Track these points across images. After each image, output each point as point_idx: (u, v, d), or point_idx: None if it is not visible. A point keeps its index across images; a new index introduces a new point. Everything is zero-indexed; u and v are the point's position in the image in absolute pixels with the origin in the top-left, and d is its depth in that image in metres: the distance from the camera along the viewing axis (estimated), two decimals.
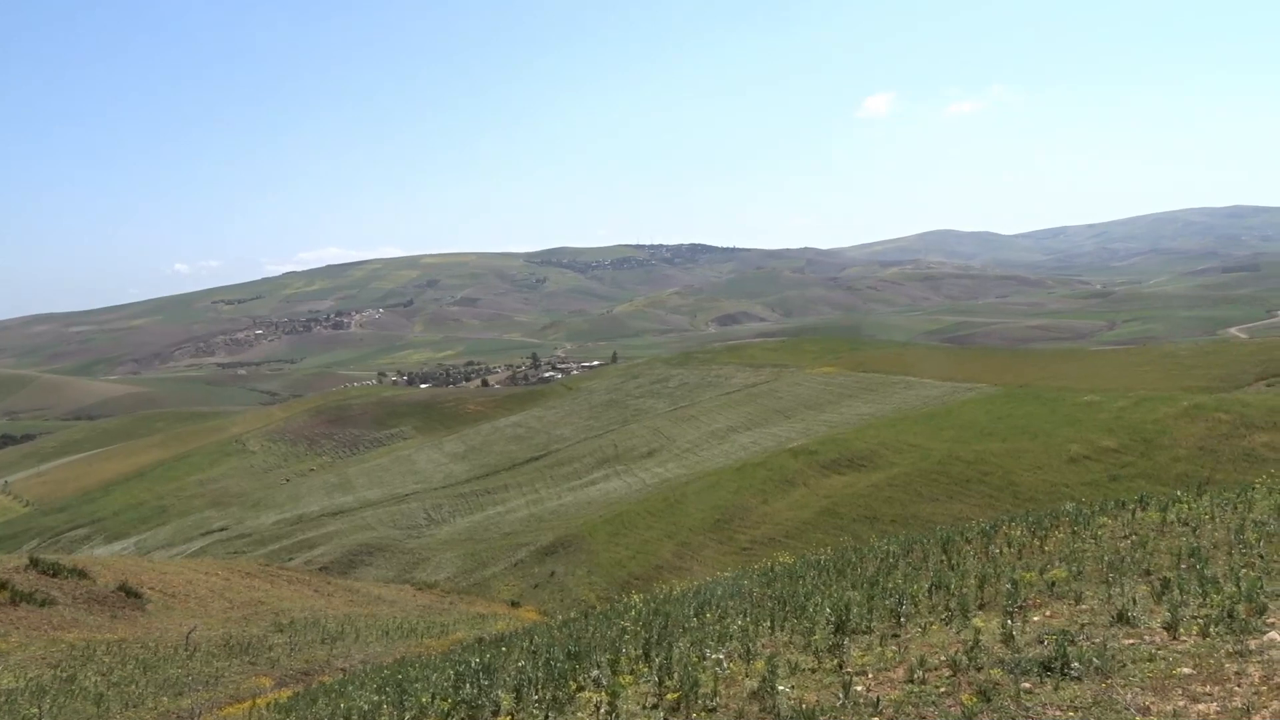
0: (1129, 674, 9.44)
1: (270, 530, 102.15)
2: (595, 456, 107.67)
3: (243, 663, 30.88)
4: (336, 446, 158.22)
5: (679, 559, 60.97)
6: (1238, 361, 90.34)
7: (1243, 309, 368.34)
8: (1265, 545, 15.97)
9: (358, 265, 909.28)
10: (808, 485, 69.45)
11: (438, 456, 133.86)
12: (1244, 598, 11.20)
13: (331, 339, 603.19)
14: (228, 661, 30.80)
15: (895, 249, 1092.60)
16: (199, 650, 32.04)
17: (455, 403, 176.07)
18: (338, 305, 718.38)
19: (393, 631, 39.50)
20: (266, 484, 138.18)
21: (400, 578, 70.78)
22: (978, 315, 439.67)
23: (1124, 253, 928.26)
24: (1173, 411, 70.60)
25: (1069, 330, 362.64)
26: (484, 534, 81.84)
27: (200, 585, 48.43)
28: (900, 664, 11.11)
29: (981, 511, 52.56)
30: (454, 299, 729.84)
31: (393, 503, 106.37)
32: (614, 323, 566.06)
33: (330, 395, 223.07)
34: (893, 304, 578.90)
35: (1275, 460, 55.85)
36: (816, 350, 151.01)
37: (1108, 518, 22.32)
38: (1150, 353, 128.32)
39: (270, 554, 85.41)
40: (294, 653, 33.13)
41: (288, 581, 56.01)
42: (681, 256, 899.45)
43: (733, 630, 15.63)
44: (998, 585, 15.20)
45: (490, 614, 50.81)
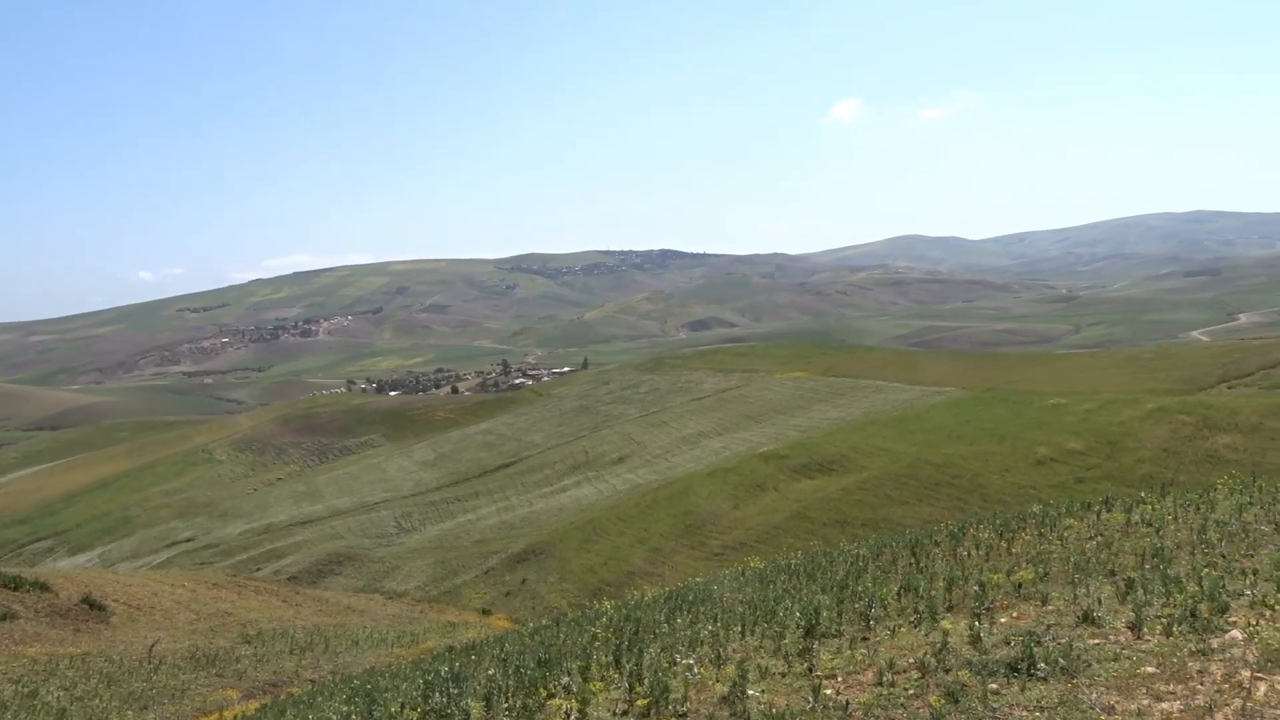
0: (1094, 674, 9.53)
1: (237, 540, 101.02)
2: (566, 463, 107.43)
3: (209, 675, 30.51)
4: (305, 455, 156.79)
5: (650, 565, 60.92)
6: (1200, 364, 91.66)
7: (1204, 312, 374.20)
8: (1227, 545, 16.20)
9: (326, 272, 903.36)
10: (778, 490, 69.65)
11: (408, 464, 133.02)
12: (1206, 597, 11.34)
13: (299, 347, 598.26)
14: (194, 674, 30.42)
15: (863, 254, 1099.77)
16: (164, 663, 31.61)
17: (425, 410, 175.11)
18: (305, 312, 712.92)
19: (362, 641, 39.17)
20: (233, 494, 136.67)
21: (370, 587, 70.20)
22: (945, 320, 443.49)
23: (1088, 257, 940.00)
24: (1137, 414, 71.49)
25: (1035, 334, 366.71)
26: (454, 542, 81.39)
27: (166, 597, 47.78)
28: (869, 667, 11.15)
29: (950, 514, 52.94)
30: (423, 306, 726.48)
31: (362, 511, 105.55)
32: (584, 329, 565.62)
33: (298, 403, 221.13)
34: (861, 309, 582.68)
35: (1237, 461, 56.71)
36: (786, 355, 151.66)
37: (1074, 519, 22.55)
38: (1114, 356, 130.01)
39: (237, 564, 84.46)
40: (261, 664, 32.78)
41: (255, 592, 55.39)
42: (651, 262, 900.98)
43: (703, 635, 15.63)
44: (966, 587, 15.30)
45: (461, 622, 50.51)
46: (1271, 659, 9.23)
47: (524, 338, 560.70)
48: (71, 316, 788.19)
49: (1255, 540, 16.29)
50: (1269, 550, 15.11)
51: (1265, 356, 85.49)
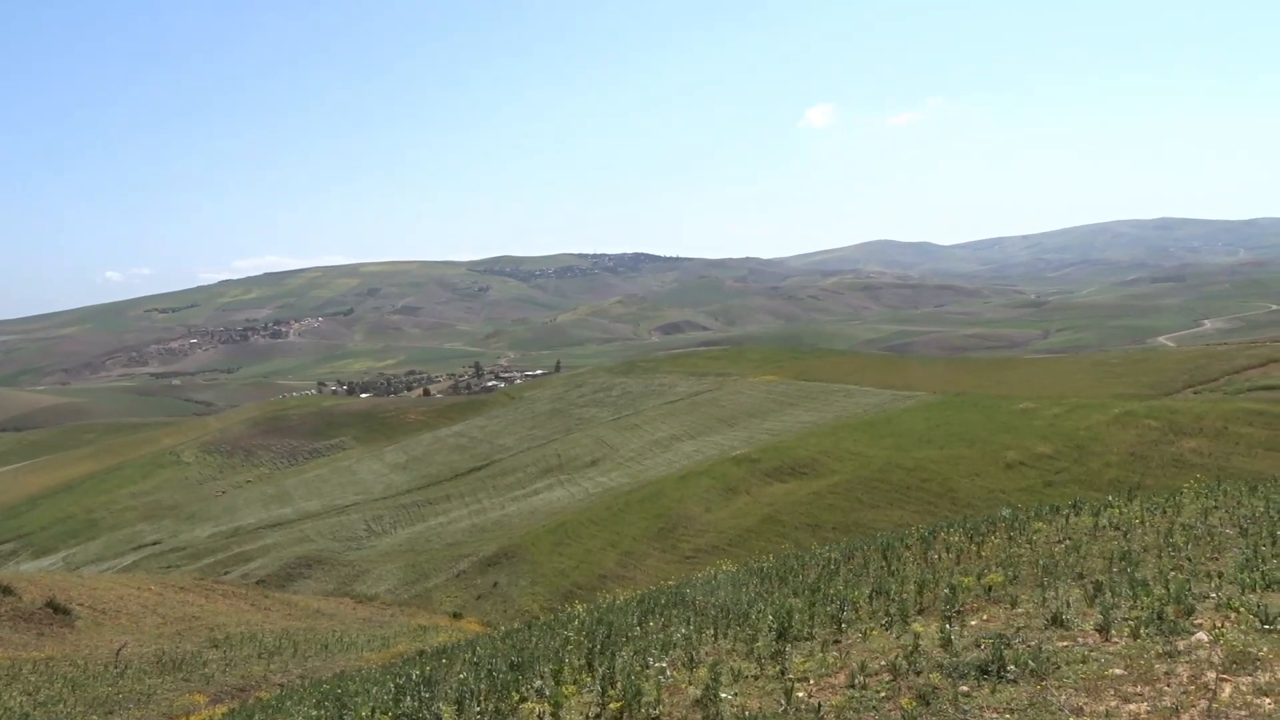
0: (1063, 675, 9.63)
1: (205, 544, 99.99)
2: (538, 466, 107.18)
3: (176, 679, 30.17)
4: (274, 457, 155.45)
5: (622, 568, 60.88)
6: (1166, 369, 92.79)
7: (1171, 318, 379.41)
8: (1193, 548, 16.42)
9: (297, 273, 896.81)
10: (750, 493, 69.81)
11: (378, 467, 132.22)
12: (1173, 599, 11.49)
13: (269, 348, 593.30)
14: (160, 679, 30.07)
15: (836, 259, 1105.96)
16: (130, 667, 31.23)
17: (396, 412, 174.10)
18: (276, 314, 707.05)
19: (332, 645, 38.88)
20: (201, 496, 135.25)
21: (340, 590, 69.68)
22: (916, 324, 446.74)
23: (1057, 263, 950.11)
24: (1105, 418, 72.25)
25: (1005, 339, 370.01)
26: (425, 545, 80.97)
27: (132, 601, 47.21)
28: (841, 670, 11.20)
29: (921, 518, 53.27)
30: (395, 307, 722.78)
31: (332, 514, 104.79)
32: (557, 331, 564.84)
33: (268, 405, 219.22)
34: (833, 313, 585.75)
35: (1202, 466, 57.46)
36: (758, 359, 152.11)
37: (1043, 523, 22.75)
38: (1083, 361, 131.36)
39: (205, 568, 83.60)
40: (229, 668, 32.46)
41: (223, 596, 54.86)
42: (625, 265, 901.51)
43: (676, 638, 15.64)
44: (936, 590, 15.41)
45: (432, 626, 50.24)
46: (1236, 661, 9.35)
47: (496, 340, 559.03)
48: (37, 316, 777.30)
49: (1220, 543, 16.52)
50: (1233, 553, 15.33)
51: (1229, 362, 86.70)
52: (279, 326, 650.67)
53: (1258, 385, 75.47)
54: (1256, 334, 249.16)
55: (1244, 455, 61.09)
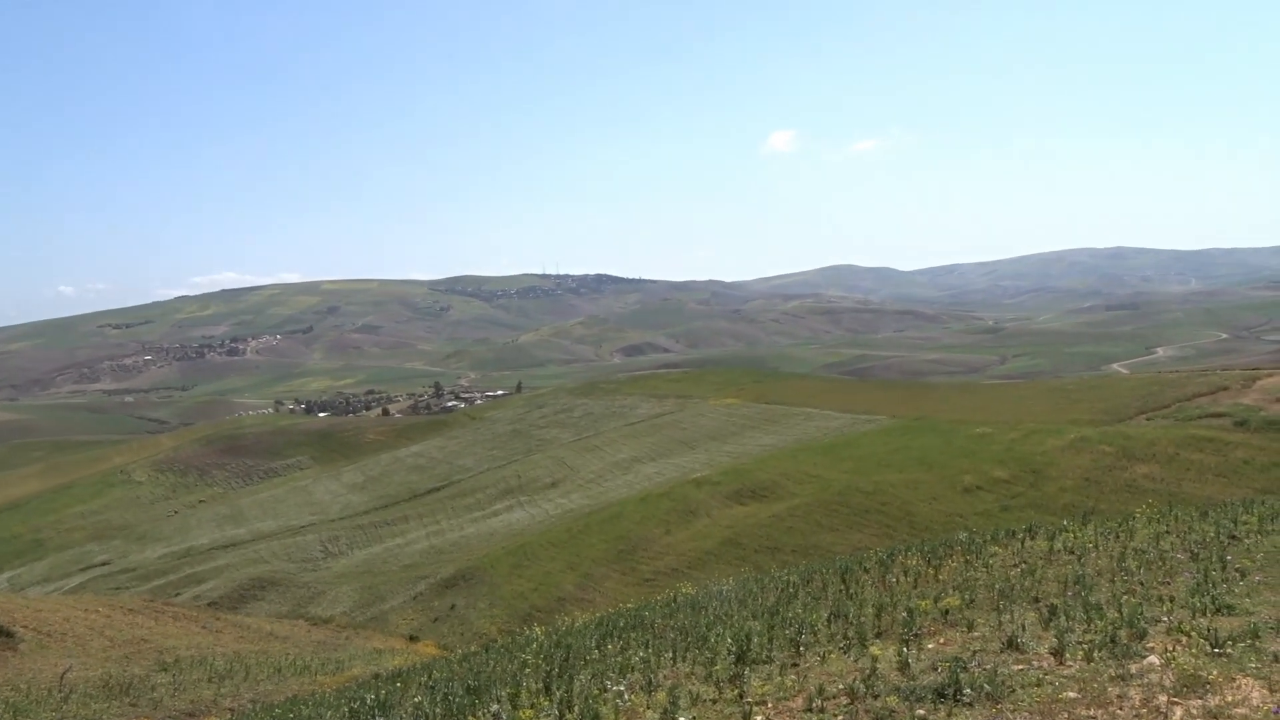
0: (1018, 699, 9.70)
1: (156, 564, 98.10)
2: (498, 487, 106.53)
3: (123, 704, 29.49)
4: (229, 477, 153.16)
5: (582, 590, 60.55)
6: (1120, 396, 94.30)
7: (1124, 345, 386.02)
8: (1145, 572, 16.65)
9: (255, 290, 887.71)
10: (710, 516, 69.83)
11: (335, 487, 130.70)
12: (1125, 623, 11.63)
13: (226, 366, 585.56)
14: (106, 703, 29.37)
15: (797, 283, 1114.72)
16: (75, 692, 30.47)
17: (355, 432, 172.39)
18: (233, 331, 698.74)
19: (285, 669, 38.21)
20: (153, 516, 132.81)
21: (294, 612, 68.61)
22: (876, 348, 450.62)
23: (1014, 290, 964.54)
24: (1060, 443, 73.25)
25: (963, 364, 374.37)
26: (382, 566, 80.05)
27: (79, 623, 46.15)
28: (799, 693, 11.21)
29: (880, 541, 53.57)
30: (355, 326, 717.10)
31: (287, 535, 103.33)
32: (519, 352, 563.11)
33: (223, 424, 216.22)
34: (794, 336, 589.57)
35: (1155, 491, 58.37)
36: (720, 381, 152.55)
37: (999, 546, 22.99)
38: (1039, 387, 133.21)
39: (156, 589, 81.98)
40: (178, 693, 31.79)
41: (174, 618, 53.81)
42: (587, 287, 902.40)
43: (634, 662, 15.57)
44: (894, 614, 15.48)
45: (388, 649, 49.60)
46: (1187, 684, 9.48)
47: (457, 360, 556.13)
48: None
49: (1172, 568, 16.77)
50: (1184, 578, 15.56)
51: (1181, 389, 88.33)
52: (236, 344, 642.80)
53: (1208, 412, 76.90)
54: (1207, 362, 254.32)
55: (1195, 481, 62.21)
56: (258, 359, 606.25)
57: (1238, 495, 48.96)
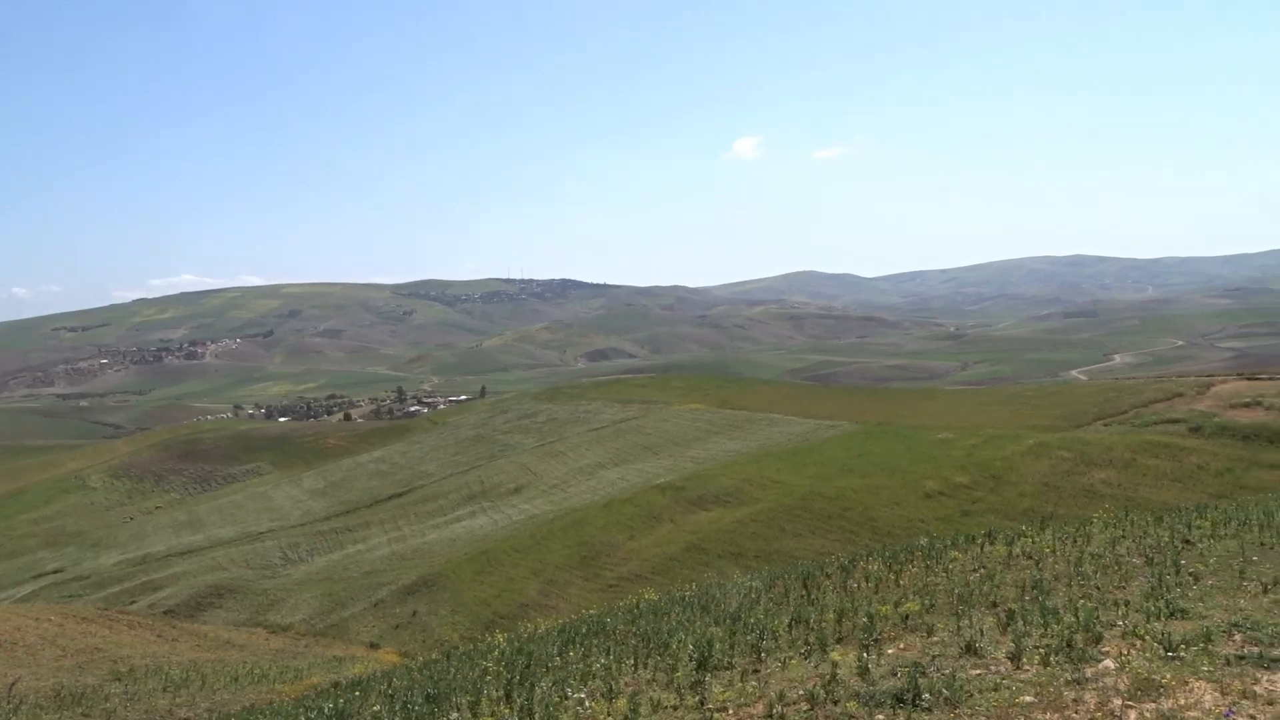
0: (975, 703, 9.76)
1: (111, 572, 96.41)
2: (461, 493, 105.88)
3: (74, 714, 28.94)
4: (187, 483, 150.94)
5: (544, 597, 60.30)
6: (1078, 402, 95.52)
7: (1082, 352, 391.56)
8: (1101, 577, 16.84)
9: (214, 293, 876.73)
10: (674, 521, 69.84)
11: (296, 493, 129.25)
12: (1081, 627, 11.74)
13: (184, 370, 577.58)
14: (58, 714, 28.80)
15: (761, 288, 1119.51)
16: (25, 703, 29.85)
17: (316, 437, 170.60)
18: (192, 334, 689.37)
19: (242, 677, 37.69)
20: (108, 522, 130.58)
21: (253, 620, 67.72)
22: (839, 354, 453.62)
23: (975, 297, 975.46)
24: (1019, 449, 74.10)
25: (924, 370, 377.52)
26: (343, 573, 79.22)
27: (30, 632, 45.22)
28: (760, 699, 11.20)
29: (842, 546, 53.85)
30: (317, 330, 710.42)
31: (246, 541, 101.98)
32: (483, 357, 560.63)
33: (181, 429, 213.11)
34: (758, 342, 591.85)
35: (1111, 496, 59.21)
36: (684, 387, 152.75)
37: (958, 552, 23.17)
38: (999, 393, 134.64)
39: (110, 597, 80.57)
40: (133, 703, 31.24)
41: (128, 626, 52.90)
42: (552, 291, 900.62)
43: (596, 668, 15.51)
44: (855, 619, 15.54)
45: (348, 657, 49.08)
46: (1141, 688, 9.58)
47: (420, 365, 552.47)
48: None
49: (1127, 572, 16.97)
50: (1139, 582, 15.76)
51: (1137, 396, 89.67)
52: (195, 347, 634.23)
53: (1164, 418, 78.14)
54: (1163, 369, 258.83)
55: (1150, 486, 63.19)
56: (217, 363, 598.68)
57: (1192, 500, 49.80)
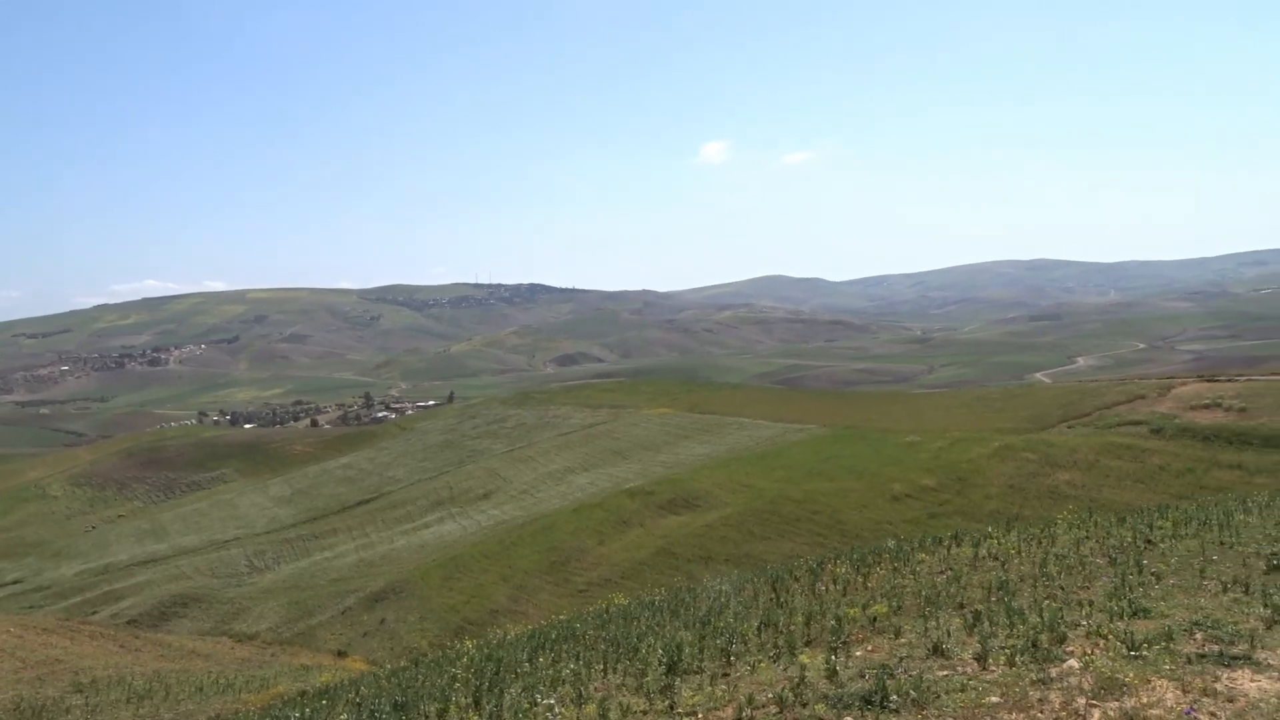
0: (943, 704, 9.83)
1: (72, 582, 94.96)
2: (429, 499, 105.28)
3: None
4: (150, 490, 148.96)
5: (514, 602, 60.08)
6: (1042, 404, 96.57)
7: (1047, 355, 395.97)
8: (1065, 577, 17.03)
9: (178, 298, 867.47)
10: (644, 526, 69.85)
11: (262, 500, 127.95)
12: (1046, 628, 11.87)
13: (147, 376, 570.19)
14: None
15: (730, 293, 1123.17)
16: None
17: (282, 443, 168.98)
18: (155, 340, 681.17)
19: (207, 687, 37.24)
20: (69, 532, 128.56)
21: (218, 629, 66.95)
22: (807, 358, 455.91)
23: (940, 301, 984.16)
24: (985, 451, 74.78)
25: (891, 373, 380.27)
26: (310, 581, 78.51)
27: None
28: (729, 703, 11.22)
29: (810, 549, 54.09)
30: (283, 335, 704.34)
31: (211, 550, 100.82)
32: (451, 362, 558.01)
33: (144, 436, 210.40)
34: (727, 346, 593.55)
35: (1076, 497, 59.90)
36: (653, 391, 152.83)
37: (926, 554, 23.34)
38: (965, 396, 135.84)
39: (71, 608, 79.35)
40: (94, 715, 30.78)
41: (90, 637, 52.12)
42: (520, 296, 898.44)
43: (565, 674, 15.47)
44: (823, 622, 15.61)
45: (315, 665, 48.63)
46: (1105, 687, 9.69)
47: (388, 370, 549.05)
48: None
49: (1091, 572, 17.18)
50: (1103, 582, 15.95)
51: (1100, 398, 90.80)
52: (158, 354, 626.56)
53: (1126, 420, 79.18)
54: (1125, 371, 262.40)
55: (1114, 487, 64.00)
56: (181, 369, 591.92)
57: (1154, 501, 50.48)
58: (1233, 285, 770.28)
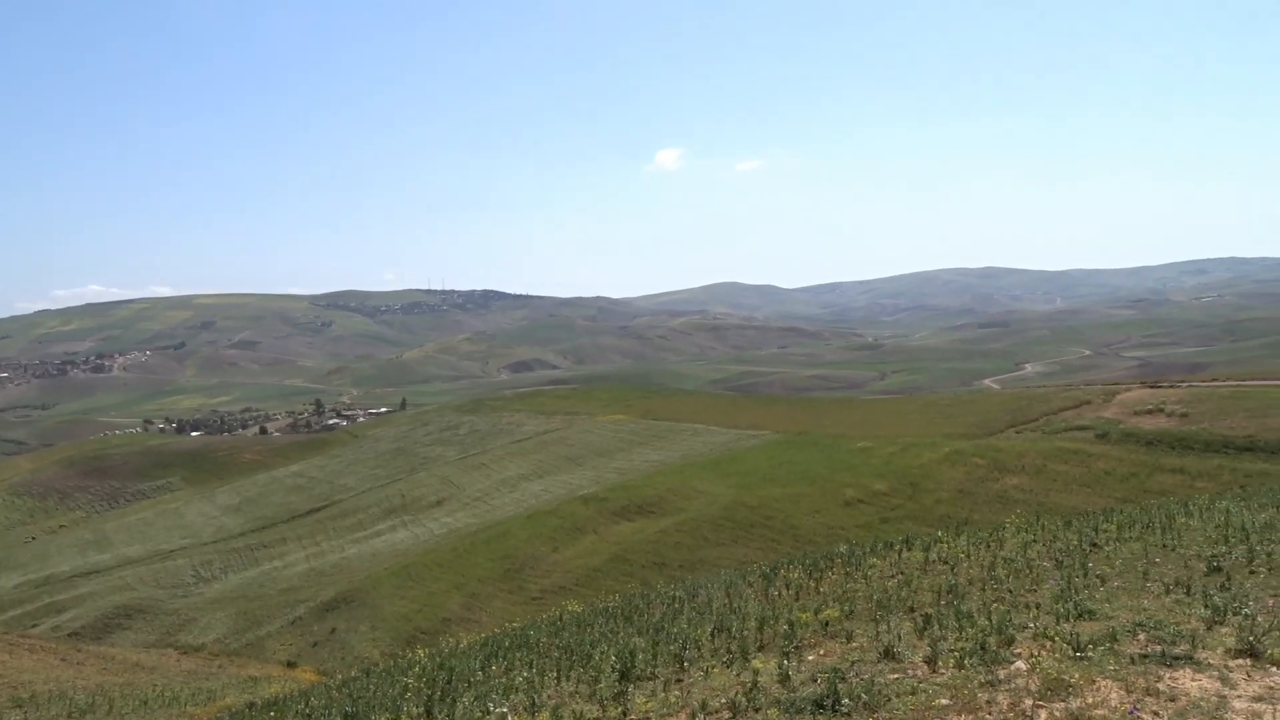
0: (893, 707, 9.90)
1: (11, 594, 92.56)
2: (381, 507, 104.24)
3: None
4: (93, 500, 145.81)
5: (467, 611, 59.64)
6: (991, 410, 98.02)
7: (995, 362, 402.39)
8: (1013, 580, 17.26)
9: (123, 304, 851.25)
10: (598, 532, 69.74)
11: (209, 509, 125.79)
12: (995, 630, 12.02)
13: (90, 383, 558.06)
14: None
15: (683, 300, 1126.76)
16: None
17: (230, 451, 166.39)
18: (99, 346, 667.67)
19: (152, 700, 36.46)
20: (8, 543, 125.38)
21: (163, 641, 65.63)
22: (761, 365, 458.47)
23: (892, 308, 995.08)
24: (936, 457, 75.70)
25: (844, 380, 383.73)
26: (259, 591, 77.30)
27: None
28: (683, 708, 11.21)
29: (764, 554, 54.36)
30: (231, 342, 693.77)
31: (156, 560, 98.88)
32: (403, 368, 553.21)
33: (87, 444, 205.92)
34: (681, 353, 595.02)
35: (1024, 501, 60.87)
36: (607, 398, 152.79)
37: (877, 558, 23.53)
38: (916, 402, 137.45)
39: (10, 620, 77.35)
40: None
41: (29, 651, 50.76)
42: (474, 302, 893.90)
43: (518, 682, 15.37)
44: (776, 626, 15.66)
45: (264, 676, 47.83)
46: (1051, 688, 9.83)
47: (339, 377, 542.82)
48: None
49: (1038, 575, 17.42)
50: (1050, 584, 16.19)
51: (1047, 404, 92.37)
52: (102, 360, 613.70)
53: (1072, 425, 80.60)
54: (1071, 377, 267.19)
55: (1060, 491, 65.09)
56: (125, 376, 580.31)
57: (1099, 504, 51.44)
58: (1174, 293, 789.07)
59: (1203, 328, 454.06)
